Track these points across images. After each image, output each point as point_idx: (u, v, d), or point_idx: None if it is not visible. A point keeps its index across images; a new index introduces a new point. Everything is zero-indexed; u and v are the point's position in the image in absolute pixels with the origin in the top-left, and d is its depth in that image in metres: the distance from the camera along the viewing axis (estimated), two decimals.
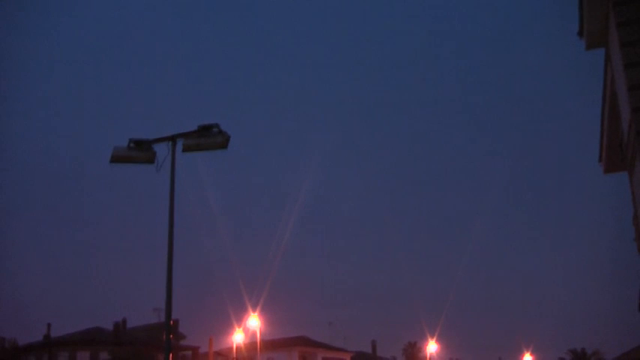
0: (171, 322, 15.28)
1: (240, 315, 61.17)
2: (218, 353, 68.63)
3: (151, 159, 15.70)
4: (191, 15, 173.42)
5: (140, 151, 15.67)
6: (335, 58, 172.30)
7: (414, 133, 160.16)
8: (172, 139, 15.64)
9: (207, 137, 15.53)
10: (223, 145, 15.59)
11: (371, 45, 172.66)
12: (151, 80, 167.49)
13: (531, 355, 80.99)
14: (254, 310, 59.53)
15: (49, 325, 70.11)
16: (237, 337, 62.46)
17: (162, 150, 15.64)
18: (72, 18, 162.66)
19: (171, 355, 15.53)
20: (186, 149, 15.67)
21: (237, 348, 62.70)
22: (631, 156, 13.71)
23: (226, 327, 64.15)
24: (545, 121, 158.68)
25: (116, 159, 15.80)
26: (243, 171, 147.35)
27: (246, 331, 62.39)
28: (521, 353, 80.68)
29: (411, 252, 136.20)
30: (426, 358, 78.15)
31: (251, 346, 63.15)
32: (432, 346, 75.70)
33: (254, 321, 59.77)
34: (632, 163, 13.79)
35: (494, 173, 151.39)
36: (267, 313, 61.63)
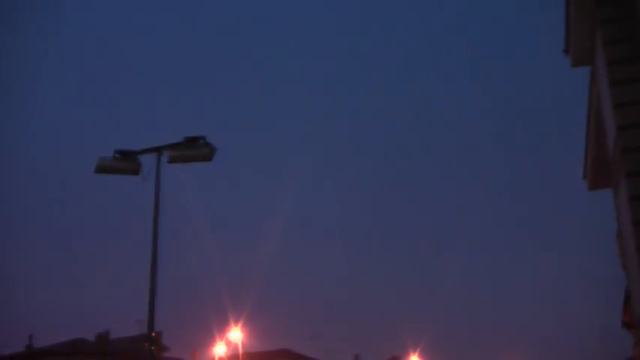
0: (154, 333, 15.20)
1: (223, 327, 61.00)
2: None
3: (136, 170, 15.67)
4: (175, 26, 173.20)
5: (125, 162, 15.65)
6: (319, 68, 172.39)
7: (398, 146, 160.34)
8: (158, 150, 15.61)
9: (193, 149, 15.53)
10: (209, 157, 15.59)
11: (354, 55, 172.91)
12: (137, 90, 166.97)
13: None
14: (236, 323, 59.39)
15: (31, 335, 69.64)
16: (220, 350, 62.24)
17: (147, 161, 15.62)
18: (52, 26, 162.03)
19: None
20: (172, 160, 15.65)
21: None
22: (616, 174, 13.77)
23: (209, 339, 63.97)
24: (528, 135, 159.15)
25: (101, 169, 15.77)
26: (227, 182, 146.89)
27: (228, 343, 62.20)
28: None
29: (396, 265, 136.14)
30: None
31: (233, 358, 62.90)
32: None
33: (236, 333, 59.60)
34: (617, 181, 13.85)
35: (477, 188, 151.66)
36: (250, 326, 61.49)
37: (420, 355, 75.97)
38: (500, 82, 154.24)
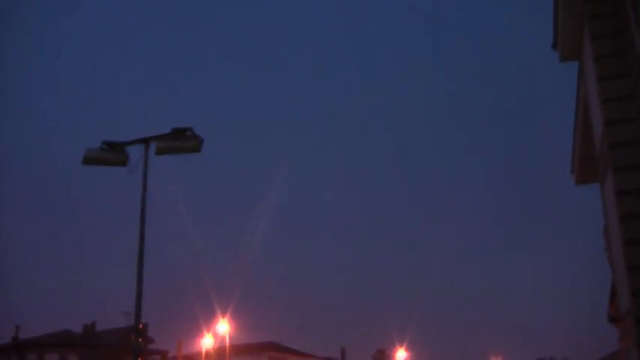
0: (140, 325, 15.15)
1: (210, 319, 61.06)
2: (187, 357, 68.30)
3: (123, 161, 15.56)
4: (165, 19, 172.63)
5: (113, 153, 15.53)
6: (305, 63, 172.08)
7: (385, 140, 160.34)
8: (145, 141, 15.50)
9: (181, 140, 15.42)
10: (196, 148, 15.49)
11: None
12: (125, 82, 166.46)
13: None
14: (223, 315, 59.41)
15: (17, 326, 69.52)
16: (206, 342, 62.27)
17: (135, 152, 15.53)
18: (39, 19, 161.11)
19: (140, 358, 15.44)
20: (160, 152, 15.54)
21: (206, 352, 62.50)
22: (603, 168, 13.80)
23: (196, 331, 63.99)
24: (520, 130, 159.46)
25: (89, 161, 15.65)
26: (214, 175, 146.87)
27: (215, 335, 62.23)
28: None
29: (383, 258, 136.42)
30: None
31: (220, 350, 62.92)
32: (400, 354, 75.81)
33: (223, 325, 59.62)
34: (604, 176, 13.88)
35: (466, 183, 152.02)
36: (237, 318, 61.52)
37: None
38: (497, 81, 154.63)
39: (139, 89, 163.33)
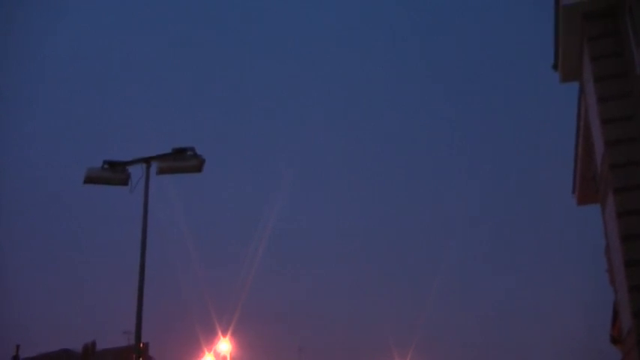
0: (141, 345, 15.10)
1: (210, 339, 60.85)
2: None
3: (124, 181, 15.56)
4: (162, 35, 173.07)
5: (114, 172, 15.54)
6: (304, 76, 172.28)
7: (385, 160, 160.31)
8: (147, 161, 15.51)
9: (182, 160, 15.42)
10: (198, 168, 15.50)
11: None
12: (124, 101, 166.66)
13: None
14: (224, 334, 59.22)
15: (17, 346, 69.17)
16: None
17: (136, 172, 15.53)
18: (38, 36, 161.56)
19: None
20: (161, 172, 15.55)
21: None
22: (604, 188, 13.79)
23: (197, 351, 63.75)
24: (519, 148, 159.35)
25: (90, 180, 15.65)
26: (215, 195, 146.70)
27: (216, 355, 61.99)
28: None
29: (383, 279, 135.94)
30: None
31: None
32: None
33: (224, 345, 59.40)
34: (605, 196, 13.87)
35: (466, 202, 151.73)
36: (238, 338, 61.32)
37: None
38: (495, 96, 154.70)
39: (130, 110, 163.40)
